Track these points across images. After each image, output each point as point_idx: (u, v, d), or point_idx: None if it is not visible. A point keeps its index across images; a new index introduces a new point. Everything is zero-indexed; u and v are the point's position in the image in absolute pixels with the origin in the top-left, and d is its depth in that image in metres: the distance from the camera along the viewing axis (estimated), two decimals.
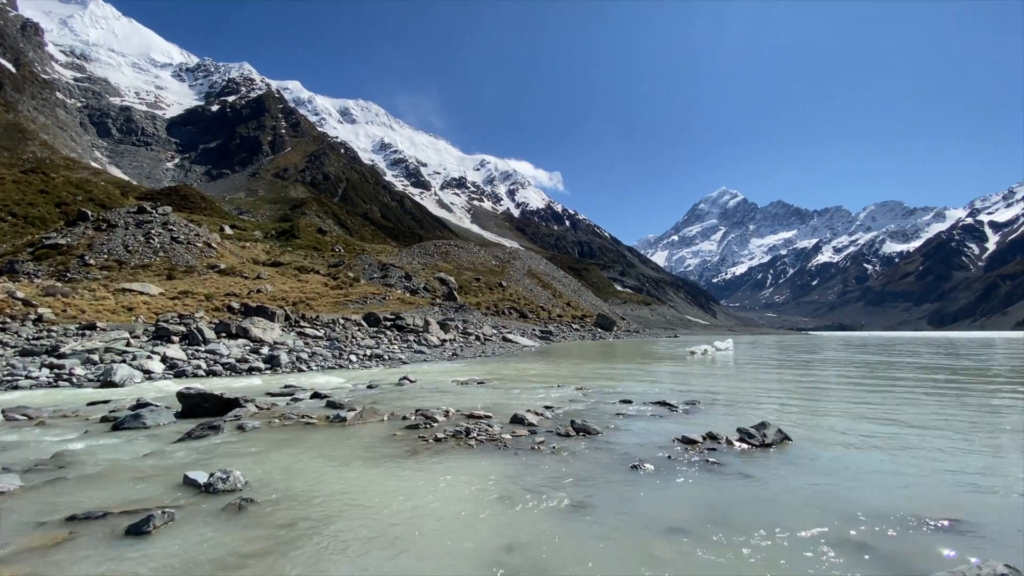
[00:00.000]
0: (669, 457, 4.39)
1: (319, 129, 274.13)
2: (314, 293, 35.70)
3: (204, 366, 11.26)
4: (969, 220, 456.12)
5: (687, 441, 4.88)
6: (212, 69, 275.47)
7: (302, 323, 20.50)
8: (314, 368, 12.45)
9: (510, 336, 28.37)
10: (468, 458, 4.33)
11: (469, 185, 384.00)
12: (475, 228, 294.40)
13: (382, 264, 50.42)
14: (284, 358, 12.43)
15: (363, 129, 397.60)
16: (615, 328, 54.79)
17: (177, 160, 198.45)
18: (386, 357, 15.09)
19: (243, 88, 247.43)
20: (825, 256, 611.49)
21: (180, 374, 10.61)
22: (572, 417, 5.97)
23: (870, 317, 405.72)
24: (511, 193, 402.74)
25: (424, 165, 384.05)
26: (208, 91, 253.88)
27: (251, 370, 11.47)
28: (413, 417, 5.95)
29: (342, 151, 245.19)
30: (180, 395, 6.30)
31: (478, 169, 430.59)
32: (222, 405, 6.20)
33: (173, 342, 13.69)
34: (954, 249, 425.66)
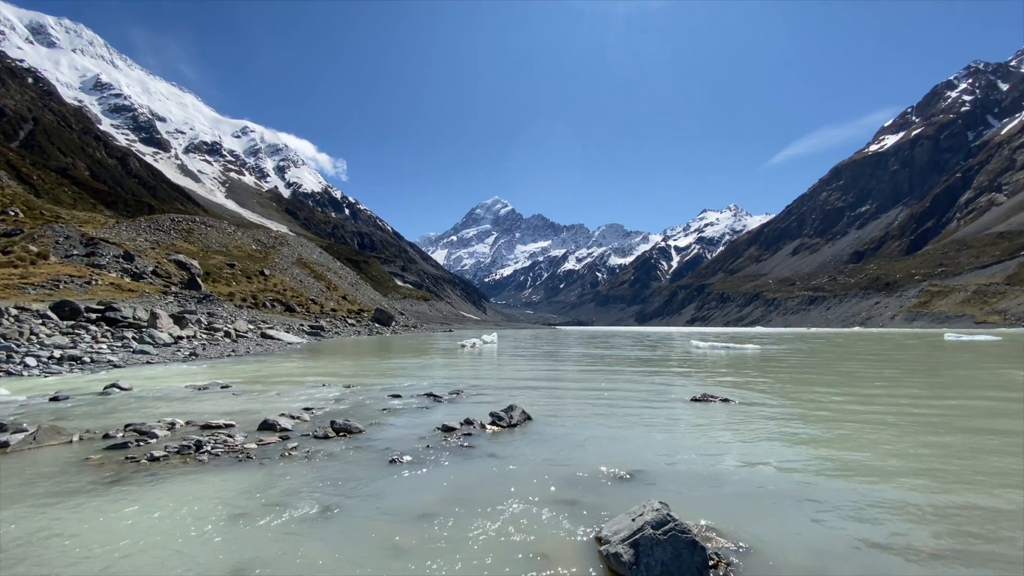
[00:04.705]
0: (428, 446, 4.57)
1: None
2: None
3: None
4: (663, 244, 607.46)
5: (446, 429, 5.17)
6: None
7: None
8: None
9: (272, 332, 25.29)
10: (196, 477, 3.67)
11: (226, 153, 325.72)
12: (231, 205, 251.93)
13: (89, 238, 38.64)
14: None
15: (68, 57, 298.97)
16: (394, 323, 54.33)
17: None
18: (88, 359, 11.66)
19: None
20: (570, 264, 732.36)
21: None
22: (334, 417, 5.67)
23: (599, 315, 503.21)
24: (281, 170, 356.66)
25: (162, 120, 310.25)
26: None
27: None
28: (121, 435, 4.75)
29: (30, 80, 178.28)
30: None
31: (239, 136, 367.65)
32: None
33: None
34: (653, 265, 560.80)
